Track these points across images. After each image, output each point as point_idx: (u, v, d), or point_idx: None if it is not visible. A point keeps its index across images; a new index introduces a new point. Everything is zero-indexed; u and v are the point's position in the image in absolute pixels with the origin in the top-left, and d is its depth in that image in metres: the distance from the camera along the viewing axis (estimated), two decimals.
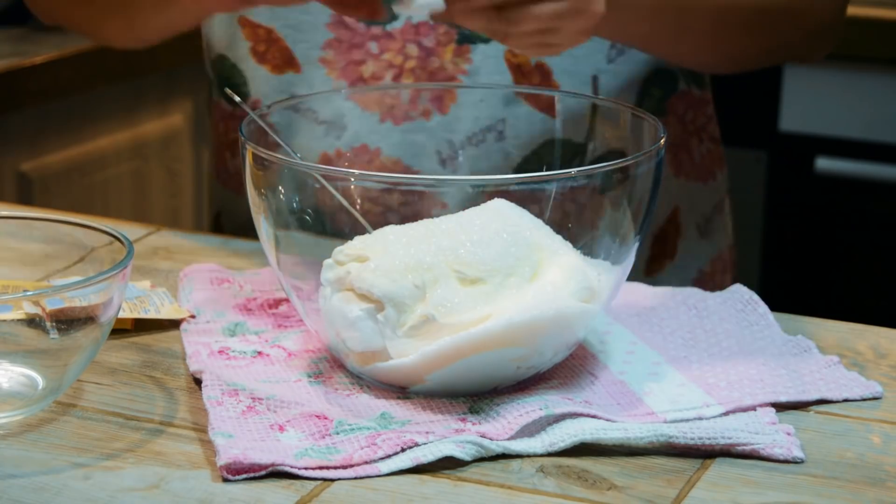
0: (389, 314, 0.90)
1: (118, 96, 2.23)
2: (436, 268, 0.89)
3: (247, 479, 0.83)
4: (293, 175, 0.94)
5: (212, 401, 0.90)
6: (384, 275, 0.90)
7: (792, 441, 0.87)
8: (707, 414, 0.90)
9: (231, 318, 1.03)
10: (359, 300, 0.91)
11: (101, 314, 0.90)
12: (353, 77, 1.21)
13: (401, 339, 0.90)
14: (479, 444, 0.86)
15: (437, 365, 0.89)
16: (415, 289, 0.89)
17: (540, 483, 0.84)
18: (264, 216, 0.95)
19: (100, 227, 0.96)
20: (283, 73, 1.25)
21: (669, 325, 1.02)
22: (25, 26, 2.17)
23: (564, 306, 0.90)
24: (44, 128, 2.11)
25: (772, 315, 1.03)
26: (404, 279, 0.89)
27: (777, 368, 0.96)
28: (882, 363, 0.99)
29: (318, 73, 1.23)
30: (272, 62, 1.25)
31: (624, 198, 0.93)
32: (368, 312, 0.90)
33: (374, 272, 0.90)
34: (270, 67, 1.25)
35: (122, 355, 0.99)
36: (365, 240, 0.93)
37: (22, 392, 0.90)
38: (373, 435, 0.86)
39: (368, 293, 0.90)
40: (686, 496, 0.83)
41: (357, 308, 0.91)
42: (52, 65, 2.03)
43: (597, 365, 0.97)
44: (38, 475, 0.84)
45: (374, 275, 0.90)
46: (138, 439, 0.88)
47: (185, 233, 1.24)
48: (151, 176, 2.33)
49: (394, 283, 0.89)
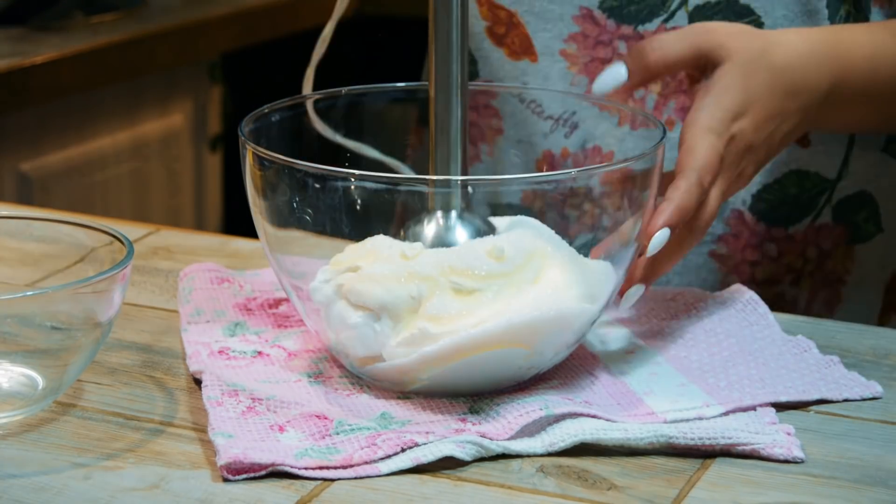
0: (385, 324, 0.90)
1: (118, 96, 2.23)
2: (432, 278, 0.89)
3: (247, 479, 0.83)
4: (293, 175, 0.94)
5: (212, 401, 0.90)
6: (379, 284, 0.90)
7: (792, 441, 0.87)
8: (707, 414, 0.90)
9: (231, 317, 1.03)
10: (356, 308, 0.91)
11: (101, 314, 0.90)
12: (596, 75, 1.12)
13: (395, 348, 0.90)
14: (479, 444, 0.86)
15: (437, 364, 0.89)
16: (411, 299, 0.89)
17: (540, 483, 0.84)
18: (264, 216, 0.95)
19: (100, 227, 0.96)
20: (519, 60, 1.20)
21: (669, 326, 1.02)
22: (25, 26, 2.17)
23: (565, 307, 0.90)
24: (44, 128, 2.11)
25: (772, 315, 1.03)
26: (400, 289, 0.89)
27: (777, 368, 0.96)
28: (882, 363, 0.99)
29: (556, 65, 1.18)
30: (510, 46, 1.20)
31: (625, 198, 0.93)
32: (367, 319, 0.90)
33: (368, 282, 0.90)
34: (508, 52, 1.20)
35: (122, 355, 0.99)
36: (357, 249, 0.93)
37: (22, 392, 0.90)
38: (373, 435, 0.86)
39: (363, 305, 0.90)
40: (686, 496, 0.83)
41: (355, 315, 0.91)
42: (52, 65, 2.04)
43: (597, 365, 0.97)
44: (38, 475, 0.84)
45: (368, 285, 0.90)
46: (138, 439, 0.88)
47: (185, 233, 1.24)
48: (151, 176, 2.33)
49: (389, 293, 0.89)
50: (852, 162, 1.16)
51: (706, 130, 0.98)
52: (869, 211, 1.18)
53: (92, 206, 2.20)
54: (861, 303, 1.19)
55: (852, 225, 1.18)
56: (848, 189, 1.17)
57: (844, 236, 1.18)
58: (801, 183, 1.15)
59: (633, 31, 1.16)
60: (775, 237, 1.16)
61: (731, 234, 1.16)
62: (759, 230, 1.16)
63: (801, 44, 1.03)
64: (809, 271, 1.17)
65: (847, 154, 1.15)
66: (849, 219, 1.17)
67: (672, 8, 1.15)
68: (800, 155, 1.14)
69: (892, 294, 1.21)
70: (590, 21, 1.17)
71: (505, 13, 1.20)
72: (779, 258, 1.16)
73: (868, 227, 1.18)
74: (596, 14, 1.17)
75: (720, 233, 1.16)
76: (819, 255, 1.18)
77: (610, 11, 1.16)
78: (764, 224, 1.16)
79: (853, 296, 1.19)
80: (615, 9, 1.16)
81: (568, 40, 1.18)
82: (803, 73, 1.03)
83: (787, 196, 1.15)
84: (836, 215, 1.17)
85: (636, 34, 1.16)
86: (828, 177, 1.15)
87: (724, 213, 1.16)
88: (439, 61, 0.95)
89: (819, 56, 1.04)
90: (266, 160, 0.93)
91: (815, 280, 1.17)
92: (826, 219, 1.17)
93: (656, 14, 1.15)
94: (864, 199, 1.18)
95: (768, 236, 1.16)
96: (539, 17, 1.19)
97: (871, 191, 1.17)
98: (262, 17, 2.46)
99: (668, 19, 1.15)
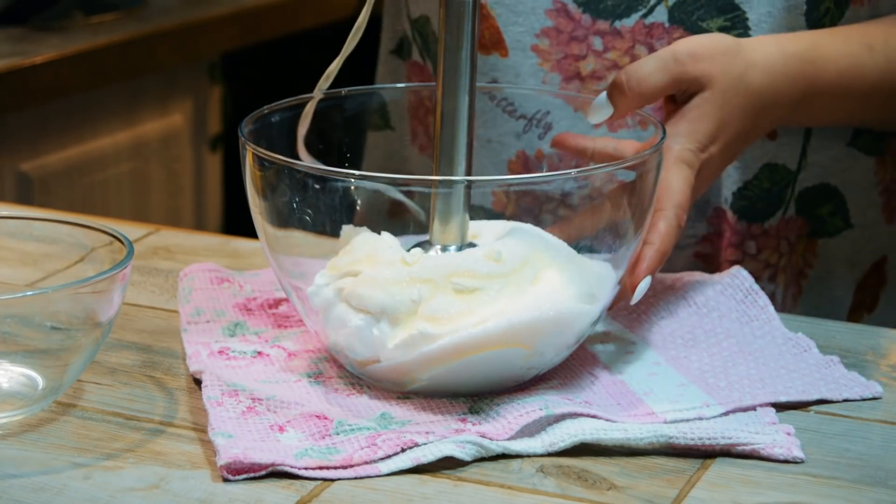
0: (384, 326, 0.90)
1: (118, 96, 2.23)
2: (432, 281, 0.89)
3: (247, 479, 0.83)
4: (293, 175, 0.93)
5: (212, 401, 0.90)
6: (381, 288, 0.90)
7: (792, 441, 0.87)
8: (707, 414, 0.90)
9: (231, 317, 1.03)
10: (356, 311, 0.91)
11: (101, 314, 0.90)
12: (569, 73, 1.12)
13: (394, 350, 0.90)
14: (479, 444, 0.86)
15: (437, 364, 0.89)
16: (411, 303, 0.89)
17: (540, 483, 0.84)
18: (264, 216, 0.95)
19: (100, 227, 0.96)
20: (489, 54, 1.15)
21: (669, 326, 1.02)
22: (25, 26, 2.17)
23: (564, 307, 0.90)
24: (44, 128, 2.11)
25: (772, 307, 1.03)
26: (402, 293, 0.89)
27: (777, 368, 0.96)
28: (882, 363, 0.99)
29: (527, 61, 1.14)
30: (479, 40, 1.14)
31: (624, 198, 0.93)
32: (367, 322, 0.90)
33: (369, 286, 0.90)
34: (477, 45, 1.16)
35: (122, 355, 0.99)
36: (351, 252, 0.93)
37: (22, 392, 0.90)
38: (373, 435, 0.86)
39: (364, 308, 0.90)
40: (686, 496, 0.83)
41: (356, 318, 0.91)
42: (52, 65, 2.04)
43: (597, 365, 0.97)
44: (38, 475, 0.84)
45: (369, 289, 0.90)
46: (138, 439, 0.88)
47: (185, 233, 1.24)
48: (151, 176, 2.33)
49: (391, 297, 0.89)
50: (811, 153, 1.14)
51: (680, 162, 0.99)
52: (834, 205, 1.16)
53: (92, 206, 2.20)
54: (825, 298, 1.17)
55: (815, 218, 1.16)
56: (809, 181, 1.15)
57: (806, 229, 1.16)
58: (772, 176, 1.13)
59: (610, 27, 1.12)
60: (754, 234, 1.15)
61: (714, 232, 1.15)
62: (740, 228, 1.14)
63: (778, 62, 1.04)
64: (783, 266, 1.16)
65: (805, 145, 1.14)
66: (811, 212, 1.16)
67: (651, 3, 1.11)
68: (769, 148, 1.13)
69: (864, 292, 1.20)
70: (564, 15, 1.13)
71: None
72: (757, 255, 1.15)
73: (834, 222, 1.17)
74: (570, 8, 1.13)
75: (703, 232, 1.15)
76: (789, 249, 1.16)
77: (585, 6, 1.12)
78: (744, 222, 1.15)
79: (814, 290, 1.17)
80: (591, 2, 1.12)
81: (540, 35, 1.13)
82: (776, 94, 1.04)
83: (763, 191, 1.14)
84: (798, 207, 1.15)
85: (612, 30, 1.12)
86: (791, 168, 1.14)
87: (707, 213, 1.15)
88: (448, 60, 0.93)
89: (794, 73, 1.04)
90: (266, 160, 0.93)
91: (787, 275, 1.16)
92: (791, 212, 1.15)
93: (634, 9, 1.11)
94: (828, 192, 1.16)
95: (748, 234, 1.15)
96: (510, 9, 1.14)
97: (836, 184, 1.15)
98: (262, 17, 2.46)
99: (646, 14, 1.11)
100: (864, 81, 1.08)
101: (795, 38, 1.07)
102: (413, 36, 1.21)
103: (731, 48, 1.02)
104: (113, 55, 2.14)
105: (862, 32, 1.09)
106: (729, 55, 1.02)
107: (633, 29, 1.11)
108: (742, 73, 1.02)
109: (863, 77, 1.08)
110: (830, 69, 1.06)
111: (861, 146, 1.16)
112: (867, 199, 1.17)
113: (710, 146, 1.02)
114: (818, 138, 1.14)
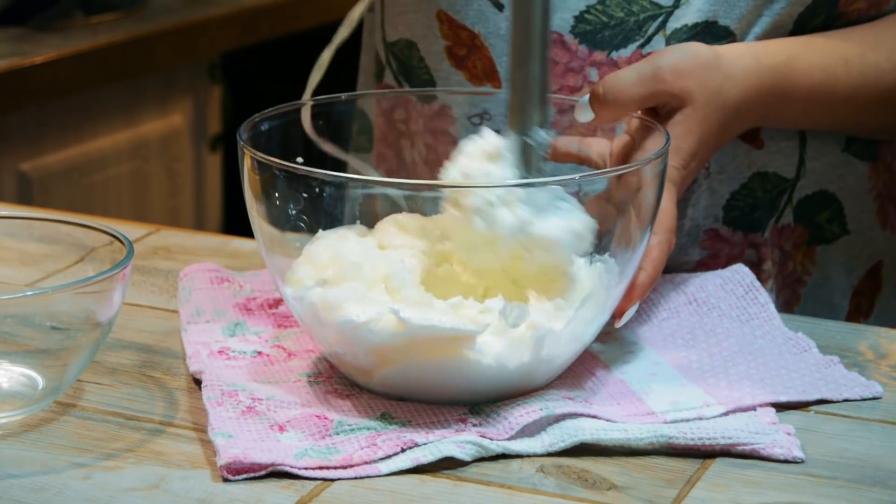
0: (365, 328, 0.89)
1: (118, 96, 2.23)
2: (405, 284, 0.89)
3: (247, 479, 0.83)
4: (291, 179, 0.93)
5: (211, 401, 0.90)
6: (356, 303, 0.89)
7: (792, 441, 0.87)
8: (707, 414, 0.90)
9: (231, 317, 1.03)
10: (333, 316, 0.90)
11: (101, 314, 0.90)
12: (565, 104, 1.05)
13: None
14: (479, 445, 0.86)
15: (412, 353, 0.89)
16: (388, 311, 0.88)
17: (540, 483, 0.84)
18: (262, 219, 0.95)
19: (100, 227, 0.96)
20: (482, 84, 1.12)
21: (669, 326, 1.02)
22: (25, 26, 2.17)
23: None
24: (44, 128, 2.11)
25: (772, 304, 1.03)
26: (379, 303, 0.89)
27: (777, 368, 0.96)
28: (882, 363, 0.99)
29: None
30: (471, 70, 1.13)
31: (630, 203, 0.92)
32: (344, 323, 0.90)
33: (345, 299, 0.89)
34: (468, 75, 1.13)
35: (122, 355, 0.99)
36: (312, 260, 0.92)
37: (22, 392, 0.90)
38: (373, 435, 0.86)
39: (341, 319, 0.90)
40: (686, 496, 0.83)
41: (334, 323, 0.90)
42: (52, 65, 2.04)
43: (597, 365, 0.97)
44: (38, 475, 0.84)
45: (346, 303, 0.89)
46: (138, 439, 0.88)
47: (185, 233, 1.24)
48: (151, 176, 2.33)
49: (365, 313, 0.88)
50: (809, 161, 1.13)
51: (668, 182, 1.00)
52: (832, 212, 1.16)
53: (92, 206, 2.20)
54: (823, 305, 1.17)
55: (814, 225, 1.15)
56: (808, 188, 1.14)
57: (805, 236, 1.16)
58: (764, 185, 1.13)
59: (607, 58, 1.09)
60: (752, 243, 1.14)
61: (708, 256, 1.14)
62: (737, 240, 1.14)
63: (752, 76, 1.04)
64: (773, 273, 1.15)
65: (802, 152, 1.14)
66: (810, 219, 1.15)
67: (649, 33, 1.09)
68: (757, 157, 1.12)
69: (861, 298, 1.20)
70: (560, 46, 1.10)
71: (467, 34, 1.12)
72: (760, 264, 1.14)
73: (832, 229, 1.16)
74: (567, 39, 1.10)
75: (697, 258, 1.13)
76: (782, 257, 1.16)
77: (582, 36, 1.09)
78: (741, 232, 1.13)
79: (813, 296, 1.17)
80: (588, 33, 1.09)
81: None
82: (748, 107, 1.05)
83: (757, 199, 1.14)
84: (797, 216, 1.15)
85: (609, 61, 1.09)
86: (786, 176, 1.13)
87: (698, 238, 1.13)
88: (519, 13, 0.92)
89: (767, 87, 1.05)
90: (264, 164, 0.93)
91: (776, 281, 1.16)
92: (788, 219, 1.15)
93: (632, 39, 1.09)
94: (826, 199, 1.15)
95: (747, 243, 1.14)
96: (504, 39, 1.10)
97: (833, 191, 1.15)
98: (262, 17, 2.46)
99: (644, 44, 1.09)
100: (835, 95, 1.09)
101: (773, 50, 1.07)
102: (388, 59, 1.19)
103: (710, 61, 1.03)
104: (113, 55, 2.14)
105: (840, 44, 1.09)
106: (708, 69, 1.02)
107: (630, 59, 1.09)
108: (720, 88, 1.02)
109: (834, 91, 1.08)
110: (803, 83, 1.07)
111: (855, 152, 1.15)
112: (862, 204, 1.17)
113: (692, 162, 1.03)
114: (814, 145, 1.13)
